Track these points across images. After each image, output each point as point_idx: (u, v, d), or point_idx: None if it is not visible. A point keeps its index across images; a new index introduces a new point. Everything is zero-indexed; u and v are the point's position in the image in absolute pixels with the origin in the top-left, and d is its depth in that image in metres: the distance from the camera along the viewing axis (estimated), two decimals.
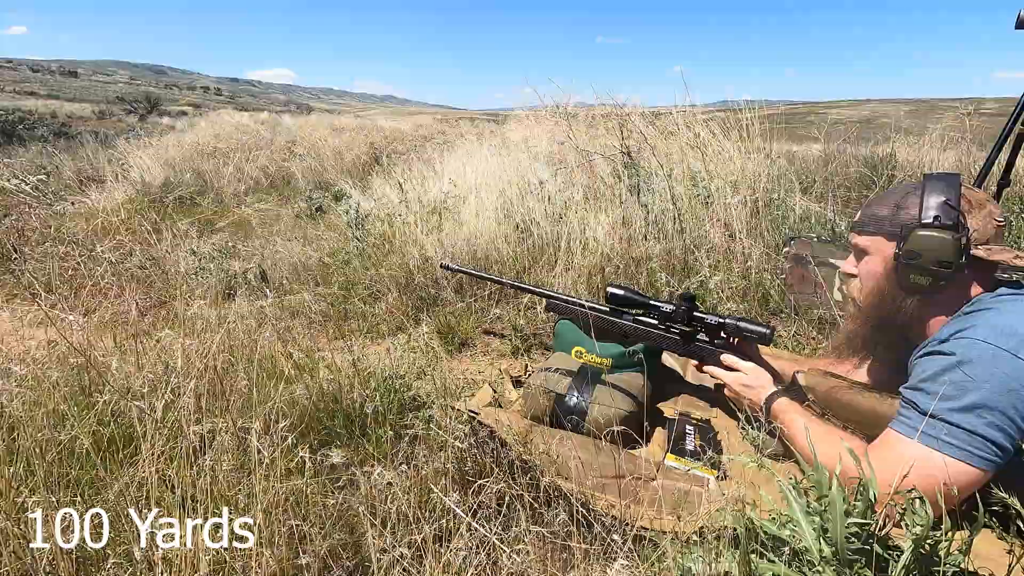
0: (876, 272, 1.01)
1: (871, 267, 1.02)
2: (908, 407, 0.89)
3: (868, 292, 1.02)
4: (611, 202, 2.64)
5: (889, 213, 0.98)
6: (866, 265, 1.03)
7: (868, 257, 1.02)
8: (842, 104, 40.32)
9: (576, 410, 1.27)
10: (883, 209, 1.00)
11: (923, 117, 4.88)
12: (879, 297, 1.00)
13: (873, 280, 1.02)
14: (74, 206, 3.95)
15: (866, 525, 0.64)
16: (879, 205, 1.02)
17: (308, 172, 6.11)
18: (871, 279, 1.02)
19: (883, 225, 0.99)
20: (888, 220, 0.98)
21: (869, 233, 1.02)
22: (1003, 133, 2.20)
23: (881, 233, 0.99)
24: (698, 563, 0.77)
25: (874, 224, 1.01)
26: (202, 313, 1.77)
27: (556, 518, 0.91)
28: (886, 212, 0.99)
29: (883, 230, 0.99)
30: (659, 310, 1.37)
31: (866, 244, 1.02)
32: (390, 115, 23.32)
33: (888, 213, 0.99)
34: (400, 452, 1.16)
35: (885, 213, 0.99)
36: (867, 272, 1.03)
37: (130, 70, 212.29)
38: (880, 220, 1.00)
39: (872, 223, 1.01)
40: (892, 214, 0.98)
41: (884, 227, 0.99)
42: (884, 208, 1.00)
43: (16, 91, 49.56)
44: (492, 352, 2.02)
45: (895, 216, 0.97)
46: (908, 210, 0.96)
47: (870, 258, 1.02)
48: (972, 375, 0.82)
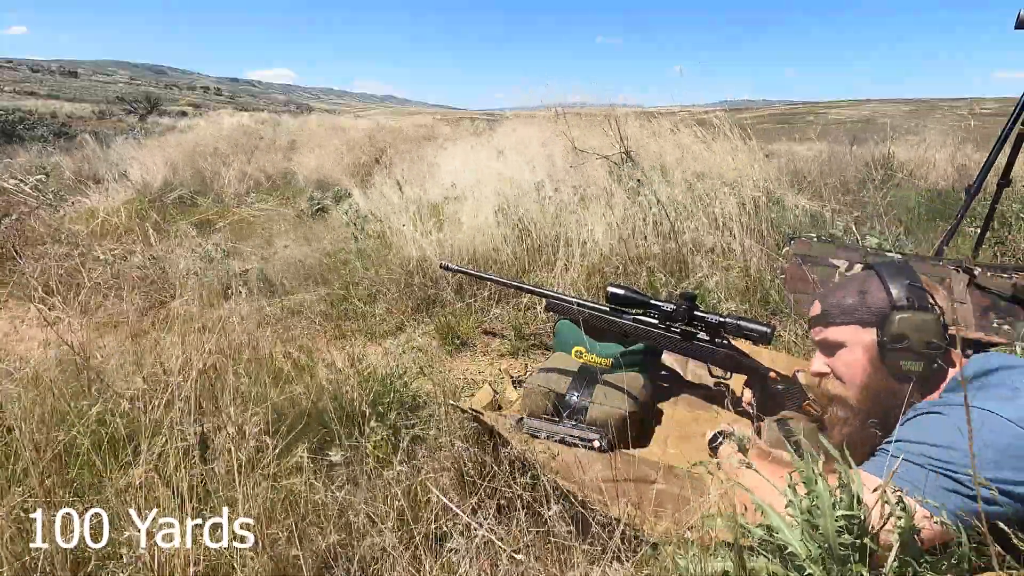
0: (861, 364, 0.92)
1: (852, 359, 0.93)
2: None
3: (860, 388, 0.93)
4: (610, 202, 2.64)
5: (857, 300, 0.92)
6: (845, 359, 0.94)
7: (845, 350, 0.94)
8: (842, 104, 40.33)
9: (576, 410, 1.27)
10: (847, 298, 0.94)
11: (923, 117, 4.88)
12: (874, 391, 0.92)
13: (860, 373, 0.93)
14: (74, 206, 3.94)
15: (854, 517, 0.64)
16: (840, 295, 0.95)
17: (308, 172, 6.10)
18: (856, 373, 0.93)
19: (854, 313, 0.92)
20: (858, 307, 0.92)
21: (839, 324, 0.94)
22: (1003, 133, 2.20)
23: (854, 322, 0.92)
24: (695, 563, 0.77)
25: (842, 314, 0.93)
26: (202, 313, 1.77)
27: (556, 518, 0.91)
28: (853, 300, 0.93)
29: (856, 318, 0.92)
30: (659, 309, 1.37)
31: (839, 336, 0.94)
32: (390, 115, 23.32)
33: (855, 300, 0.92)
34: (400, 452, 1.16)
35: (852, 301, 0.93)
36: (847, 364, 0.94)
37: (130, 70, 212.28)
38: (849, 309, 0.93)
39: (840, 313, 0.94)
40: (860, 300, 0.92)
41: (856, 315, 0.92)
42: (848, 297, 0.94)
43: (16, 91, 49.54)
44: (492, 352, 2.02)
45: (863, 302, 0.92)
46: (875, 294, 0.91)
47: (848, 351, 0.93)
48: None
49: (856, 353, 0.93)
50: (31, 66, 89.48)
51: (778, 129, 2.92)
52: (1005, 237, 2.64)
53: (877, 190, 3.23)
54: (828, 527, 0.64)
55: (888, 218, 2.85)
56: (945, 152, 4.17)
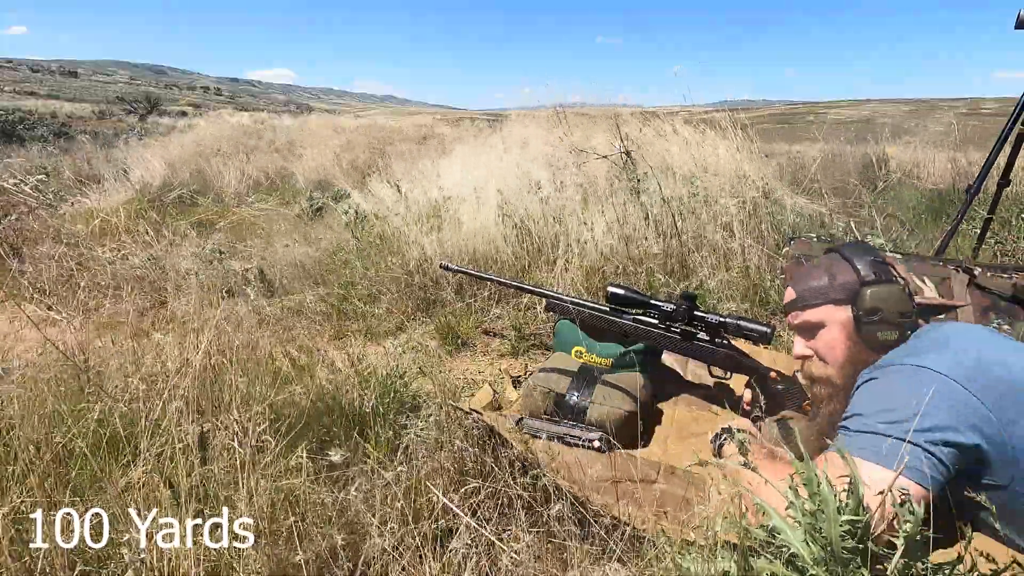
0: (839, 341, 0.96)
1: (831, 338, 0.97)
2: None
3: (842, 364, 0.97)
4: (610, 202, 2.64)
5: (827, 281, 0.96)
6: (824, 338, 0.98)
7: (823, 330, 0.98)
8: (842, 104, 40.32)
9: (576, 410, 1.27)
10: (817, 280, 0.98)
11: (923, 117, 4.88)
12: (855, 366, 0.95)
13: (841, 350, 0.96)
14: (73, 206, 3.94)
15: (858, 522, 0.64)
16: (809, 279, 0.99)
17: (308, 172, 6.10)
18: (837, 350, 0.97)
19: (826, 293, 0.96)
20: (829, 288, 0.96)
21: (814, 306, 0.98)
22: (1003, 133, 2.20)
23: (828, 302, 0.96)
24: (696, 563, 0.77)
25: (815, 296, 0.98)
26: (201, 313, 1.77)
27: (555, 518, 0.91)
28: (824, 281, 0.97)
29: (829, 298, 0.96)
30: (660, 309, 1.37)
31: (816, 317, 0.98)
32: (390, 115, 23.31)
33: (826, 282, 0.97)
34: (400, 451, 1.16)
35: (823, 282, 0.97)
36: (828, 344, 0.98)
37: (130, 70, 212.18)
38: (821, 290, 0.97)
39: (812, 295, 0.98)
40: (830, 281, 0.96)
41: (829, 295, 0.96)
42: (817, 280, 0.98)
43: (16, 91, 49.52)
44: (492, 352, 2.02)
45: (833, 282, 0.96)
46: (843, 273, 0.95)
47: (826, 330, 0.98)
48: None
49: (834, 331, 0.97)
50: (31, 66, 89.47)
51: (778, 129, 2.92)
52: (1005, 237, 2.64)
53: (877, 190, 3.23)
54: (832, 532, 0.63)
55: (888, 218, 2.85)
56: (945, 152, 4.17)
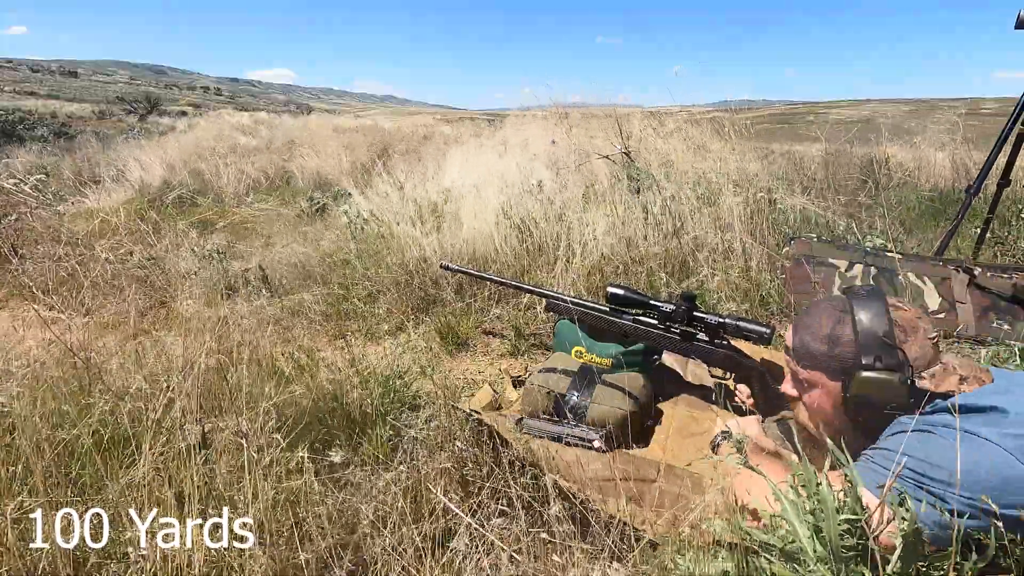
0: (826, 409, 0.96)
1: (819, 402, 0.97)
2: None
3: (824, 424, 0.98)
4: (610, 202, 2.64)
5: (826, 350, 0.94)
6: (813, 396, 0.98)
7: (814, 391, 0.98)
8: (842, 104, 40.30)
9: (576, 410, 1.27)
10: (817, 344, 0.95)
11: (923, 117, 4.87)
12: (836, 429, 0.96)
13: (824, 417, 0.97)
14: (73, 206, 3.94)
15: (857, 521, 0.64)
16: (811, 337, 0.96)
17: (308, 172, 6.10)
18: (822, 412, 0.98)
19: (820, 363, 0.94)
20: (826, 357, 0.94)
21: (808, 368, 0.97)
22: (1003, 133, 2.20)
23: (821, 370, 0.95)
24: (696, 563, 0.77)
25: (811, 361, 0.96)
26: (201, 313, 1.77)
27: (556, 518, 0.91)
28: (822, 348, 0.94)
29: (824, 368, 0.94)
30: (659, 310, 1.37)
31: (807, 377, 0.98)
32: (390, 115, 23.31)
33: (825, 349, 0.94)
34: (400, 452, 1.16)
35: (822, 350, 0.94)
36: (815, 405, 0.98)
37: (130, 70, 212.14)
38: (819, 358, 0.95)
39: (809, 359, 0.96)
40: (829, 351, 0.93)
41: (822, 365, 0.94)
42: (818, 342, 0.95)
43: (16, 91, 49.48)
44: (492, 352, 2.02)
45: (832, 353, 0.93)
46: (844, 348, 0.91)
47: (816, 392, 0.97)
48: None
49: (823, 399, 0.96)
50: (31, 66, 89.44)
51: (778, 129, 2.92)
52: (1005, 237, 2.64)
53: (877, 190, 3.23)
54: (831, 530, 0.64)
55: (889, 218, 2.85)
56: (945, 152, 4.17)
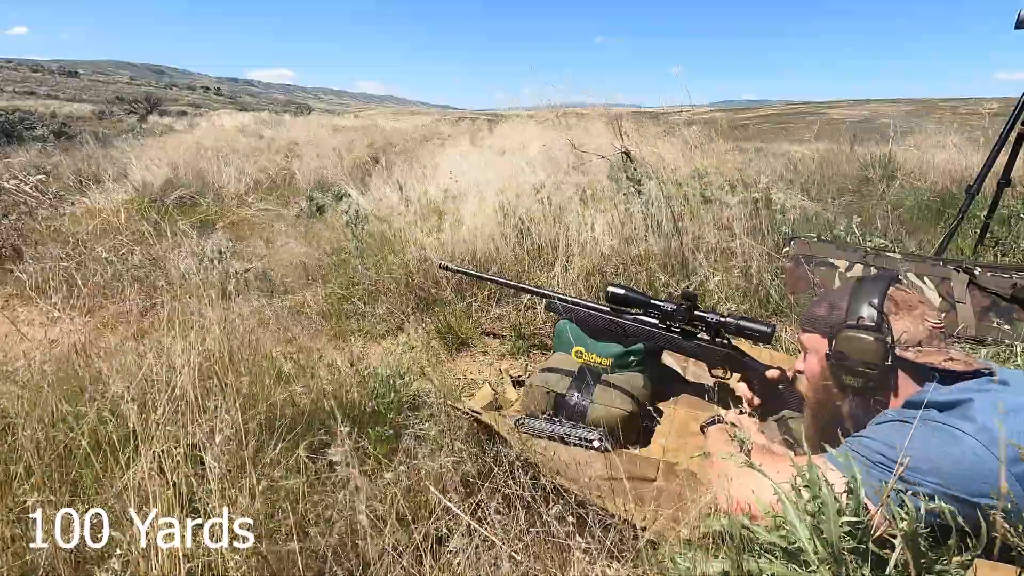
0: (815, 371, 1.01)
1: (811, 365, 1.03)
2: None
3: (815, 390, 1.03)
4: (610, 202, 2.64)
5: (824, 313, 1.00)
6: (808, 362, 1.04)
7: (808, 355, 1.03)
8: (842, 104, 40.28)
9: (576, 410, 1.27)
10: (821, 308, 1.01)
11: (923, 117, 4.88)
12: (823, 396, 1.01)
13: (814, 378, 1.02)
14: (74, 206, 3.94)
15: (858, 523, 0.64)
16: (819, 304, 1.03)
17: (308, 172, 6.10)
18: (814, 377, 1.02)
19: (818, 324, 1.00)
20: (823, 319, 1.00)
21: (808, 331, 1.03)
22: (1003, 133, 2.20)
23: (817, 331, 1.00)
24: (696, 563, 0.77)
25: (811, 323, 1.02)
26: (202, 313, 1.77)
27: (555, 518, 0.91)
28: (823, 311, 1.00)
29: (818, 328, 1.00)
30: (660, 309, 1.37)
31: (806, 342, 1.03)
32: (390, 115, 23.31)
33: (824, 312, 1.00)
34: (400, 452, 1.16)
35: (822, 312, 1.00)
36: (810, 368, 1.03)
37: (130, 70, 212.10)
38: (816, 319, 1.01)
39: (810, 322, 1.02)
40: (827, 313, 0.99)
41: (819, 326, 1.00)
42: (822, 308, 1.01)
43: (16, 91, 49.45)
44: (492, 352, 2.02)
45: (829, 315, 0.99)
46: (839, 310, 0.97)
47: (810, 356, 1.03)
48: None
49: (814, 361, 1.02)
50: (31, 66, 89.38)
51: (778, 129, 2.92)
52: (1005, 237, 2.64)
53: (877, 190, 3.23)
54: (832, 531, 0.64)
55: (889, 218, 2.85)
56: (945, 152, 4.17)
